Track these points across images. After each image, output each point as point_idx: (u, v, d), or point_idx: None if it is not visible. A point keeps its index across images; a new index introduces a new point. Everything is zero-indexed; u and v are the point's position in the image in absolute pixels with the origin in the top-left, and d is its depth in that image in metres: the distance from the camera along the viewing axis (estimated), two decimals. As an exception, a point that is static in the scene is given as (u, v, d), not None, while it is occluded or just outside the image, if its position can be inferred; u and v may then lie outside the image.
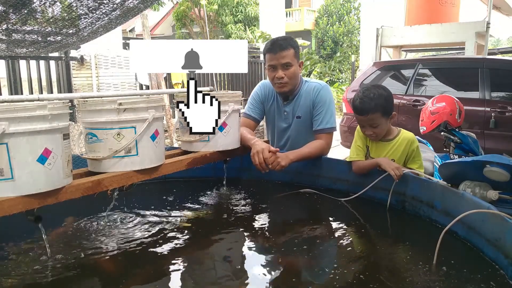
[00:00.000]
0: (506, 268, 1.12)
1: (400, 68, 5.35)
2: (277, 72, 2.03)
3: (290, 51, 2.01)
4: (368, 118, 1.81)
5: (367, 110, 1.79)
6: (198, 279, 1.19)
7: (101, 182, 1.35)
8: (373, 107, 1.78)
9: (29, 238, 1.41)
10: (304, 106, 2.12)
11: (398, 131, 1.90)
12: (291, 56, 2.01)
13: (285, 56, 2.00)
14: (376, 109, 1.78)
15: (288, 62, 2.01)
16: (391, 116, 1.84)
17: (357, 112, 1.84)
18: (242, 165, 2.13)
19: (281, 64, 2.01)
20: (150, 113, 1.44)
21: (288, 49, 2.00)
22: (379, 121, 1.81)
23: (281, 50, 1.99)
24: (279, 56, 2.00)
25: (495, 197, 1.68)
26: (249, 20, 17.68)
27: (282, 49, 1.99)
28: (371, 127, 1.83)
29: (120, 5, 2.63)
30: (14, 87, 4.74)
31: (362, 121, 1.85)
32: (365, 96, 1.81)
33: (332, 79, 13.77)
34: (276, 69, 2.03)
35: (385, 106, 1.80)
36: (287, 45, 2.01)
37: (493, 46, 20.30)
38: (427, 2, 8.23)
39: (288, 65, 2.02)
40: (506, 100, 4.33)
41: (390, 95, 1.85)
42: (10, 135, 1.11)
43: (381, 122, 1.81)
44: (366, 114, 1.80)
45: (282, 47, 2.00)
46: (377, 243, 1.49)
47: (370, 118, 1.80)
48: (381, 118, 1.80)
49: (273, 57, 2.02)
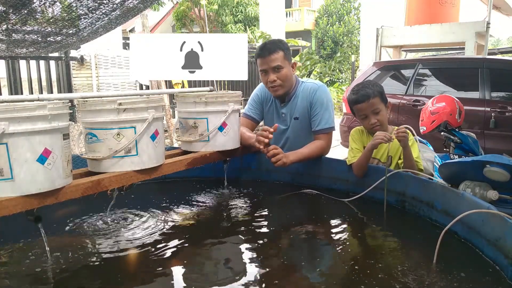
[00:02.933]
0: (506, 268, 1.12)
1: (400, 68, 5.35)
2: (269, 76, 2.04)
3: (279, 53, 2.02)
4: (370, 104, 1.87)
5: (368, 95, 1.87)
6: (198, 279, 1.19)
7: (101, 182, 1.35)
8: (372, 92, 1.88)
9: (29, 238, 1.41)
10: (301, 107, 2.12)
11: (392, 129, 1.94)
12: (281, 59, 2.02)
13: (274, 59, 2.01)
14: (375, 94, 1.88)
15: (278, 65, 2.02)
16: (387, 106, 1.93)
17: (359, 101, 1.89)
18: (242, 165, 2.13)
19: (272, 67, 2.03)
20: (150, 113, 1.44)
21: (277, 52, 2.01)
22: (380, 106, 1.89)
23: (270, 53, 2.01)
24: (269, 60, 2.01)
25: (495, 197, 1.69)
26: (249, 20, 17.68)
27: (271, 52, 2.01)
28: (374, 114, 1.88)
29: (120, 5, 2.63)
30: (14, 87, 4.74)
31: (364, 110, 1.89)
32: (362, 86, 1.92)
33: (332, 79, 13.77)
34: (268, 73, 2.05)
35: (381, 92, 1.90)
36: (276, 48, 2.02)
37: (493, 46, 20.30)
38: (427, 2, 8.24)
39: (279, 67, 2.03)
40: (506, 100, 4.33)
41: (382, 87, 1.97)
42: (10, 135, 1.10)
43: (382, 108, 1.89)
44: (368, 100, 1.87)
45: (270, 51, 2.01)
46: (377, 243, 1.49)
47: (372, 103, 1.87)
48: (381, 104, 1.89)
49: (263, 61, 2.04)
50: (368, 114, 1.89)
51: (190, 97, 1.79)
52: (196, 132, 1.79)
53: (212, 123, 1.78)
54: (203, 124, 1.78)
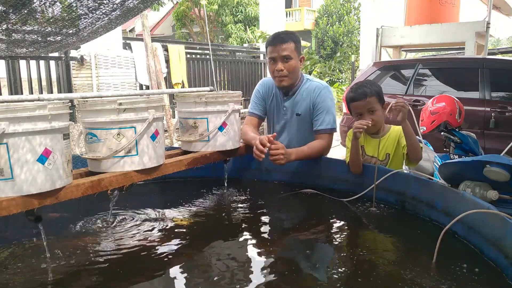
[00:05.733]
0: (506, 268, 1.12)
1: (400, 68, 5.35)
2: (277, 64, 2.05)
3: (290, 44, 2.03)
4: (366, 102, 1.88)
5: (365, 93, 1.88)
6: (197, 279, 1.19)
7: (101, 182, 1.35)
8: (369, 91, 1.89)
9: (28, 238, 1.41)
10: (304, 104, 2.13)
11: (389, 128, 1.98)
12: (291, 49, 2.03)
13: (285, 48, 2.02)
14: (372, 93, 1.89)
15: (288, 55, 2.03)
16: (384, 106, 1.93)
17: (355, 99, 1.91)
18: (242, 165, 2.13)
19: (281, 56, 2.03)
20: (150, 113, 1.44)
21: (289, 42, 2.03)
22: (376, 106, 1.89)
23: (282, 42, 2.02)
24: (279, 49, 2.02)
25: (495, 197, 1.68)
26: (249, 20, 17.66)
27: (282, 42, 2.03)
28: (369, 113, 1.89)
29: (120, 5, 2.63)
30: (14, 87, 4.73)
31: (360, 108, 1.91)
32: (360, 85, 1.94)
33: (332, 79, 13.76)
34: (276, 61, 2.05)
35: (379, 92, 1.91)
36: (288, 38, 2.04)
37: (493, 46, 20.28)
38: (427, 2, 8.23)
39: (288, 58, 2.04)
40: (506, 100, 4.33)
41: (381, 87, 1.97)
42: (10, 135, 1.11)
43: (378, 107, 1.90)
44: (364, 98, 1.88)
45: (283, 40, 2.03)
46: (377, 242, 1.49)
47: (368, 102, 1.88)
48: (377, 104, 1.89)
49: (274, 49, 2.04)
50: (363, 113, 1.90)
51: (190, 97, 1.79)
52: (196, 132, 1.79)
53: (212, 123, 1.78)
54: (203, 124, 1.78)
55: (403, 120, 1.77)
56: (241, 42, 16.61)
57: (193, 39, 18.72)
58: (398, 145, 1.91)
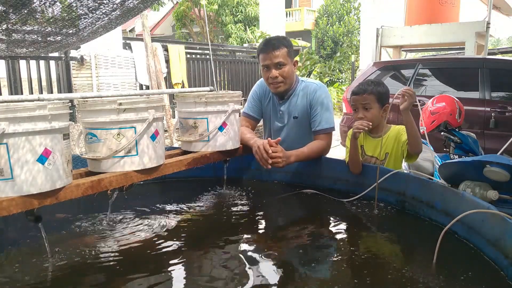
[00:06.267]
0: (506, 268, 1.12)
1: (400, 68, 5.36)
2: (271, 72, 2.03)
3: (282, 50, 2.01)
4: (363, 98, 1.90)
5: (363, 90, 1.90)
6: (197, 280, 1.19)
7: (101, 182, 1.35)
8: (370, 88, 1.90)
9: (29, 238, 1.41)
10: (300, 106, 2.12)
11: (389, 127, 1.97)
12: (284, 55, 2.02)
13: (277, 55, 2.01)
14: (372, 91, 1.89)
15: (281, 61, 2.01)
16: (385, 108, 1.92)
17: (355, 92, 1.94)
18: (242, 165, 2.13)
19: (274, 63, 2.02)
20: (150, 113, 1.44)
21: (281, 48, 2.01)
22: (373, 105, 1.89)
23: (274, 49, 2.00)
24: (272, 56, 2.01)
25: (495, 197, 1.69)
26: (249, 20, 17.67)
27: (274, 48, 2.01)
28: (363, 110, 1.91)
29: (120, 5, 2.63)
30: (14, 87, 4.73)
31: (356, 101, 1.93)
32: (365, 81, 1.97)
33: (332, 79, 13.76)
34: (270, 69, 2.04)
35: (380, 92, 1.91)
36: (280, 44, 2.02)
37: (493, 46, 20.29)
38: (427, 2, 8.24)
39: (282, 64, 2.02)
40: (506, 100, 4.34)
41: (387, 89, 1.96)
42: (10, 135, 1.10)
43: (374, 106, 1.90)
44: (362, 93, 1.90)
45: (274, 47, 2.01)
46: (377, 243, 1.49)
47: (364, 98, 1.89)
48: (375, 103, 1.89)
49: (266, 57, 2.03)
50: (358, 107, 1.92)
51: (190, 97, 1.79)
52: (196, 132, 1.79)
53: (212, 123, 1.78)
54: (203, 124, 1.78)
55: (407, 108, 1.73)
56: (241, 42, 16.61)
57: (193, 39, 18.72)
58: (398, 143, 1.91)
